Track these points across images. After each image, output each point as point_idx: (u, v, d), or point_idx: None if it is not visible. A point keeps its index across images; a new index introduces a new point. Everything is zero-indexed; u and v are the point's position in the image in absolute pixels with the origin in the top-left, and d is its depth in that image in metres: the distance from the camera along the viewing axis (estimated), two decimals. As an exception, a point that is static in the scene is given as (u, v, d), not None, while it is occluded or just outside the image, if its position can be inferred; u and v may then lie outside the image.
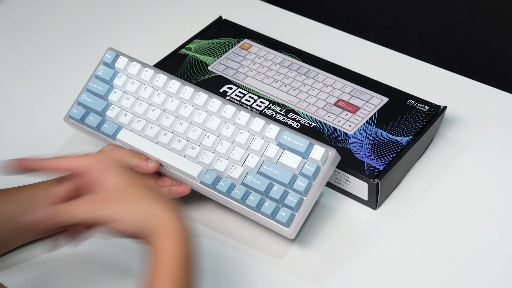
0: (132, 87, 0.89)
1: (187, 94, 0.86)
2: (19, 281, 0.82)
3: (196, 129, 0.85)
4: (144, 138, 0.87)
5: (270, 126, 0.82)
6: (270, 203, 0.80)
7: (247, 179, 0.81)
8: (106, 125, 0.89)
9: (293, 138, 0.81)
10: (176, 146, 0.85)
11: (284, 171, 0.80)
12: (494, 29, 1.63)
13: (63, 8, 1.24)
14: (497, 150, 0.92)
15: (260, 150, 0.82)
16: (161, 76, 0.88)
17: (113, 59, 0.91)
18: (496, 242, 0.82)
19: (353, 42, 1.11)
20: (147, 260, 0.69)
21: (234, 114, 0.84)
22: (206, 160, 0.83)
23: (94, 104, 0.90)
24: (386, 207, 0.87)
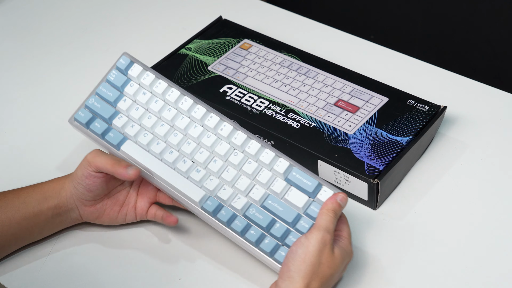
0: (143, 98, 0.86)
1: (199, 114, 0.83)
2: (19, 281, 0.82)
3: (203, 151, 0.82)
4: (148, 153, 0.83)
5: (279, 160, 0.79)
6: (270, 240, 0.77)
7: (249, 211, 0.78)
8: (111, 133, 0.85)
9: (302, 176, 0.78)
10: (181, 167, 0.81)
11: (288, 208, 0.78)
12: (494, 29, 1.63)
13: (63, 8, 1.24)
14: (497, 150, 0.92)
15: (266, 183, 0.79)
16: (174, 90, 0.85)
17: (127, 65, 0.87)
18: (496, 242, 0.82)
19: (353, 42, 1.11)
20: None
21: (244, 142, 0.81)
22: (210, 185, 0.80)
23: (102, 110, 0.86)
24: (386, 207, 0.87)
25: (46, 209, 0.82)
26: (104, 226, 0.87)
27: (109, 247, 0.85)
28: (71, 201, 0.83)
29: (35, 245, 0.86)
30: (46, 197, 0.82)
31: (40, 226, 0.83)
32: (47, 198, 0.82)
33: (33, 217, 0.82)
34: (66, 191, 0.83)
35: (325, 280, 0.73)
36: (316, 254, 0.72)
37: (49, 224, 0.83)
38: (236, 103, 0.94)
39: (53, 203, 0.82)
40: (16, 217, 0.81)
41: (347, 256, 0.76)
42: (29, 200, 0.82)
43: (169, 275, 0.82)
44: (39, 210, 0.82)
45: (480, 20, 1.63)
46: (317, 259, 0.72)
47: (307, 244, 0.73)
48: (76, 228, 0.87)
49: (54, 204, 0.82)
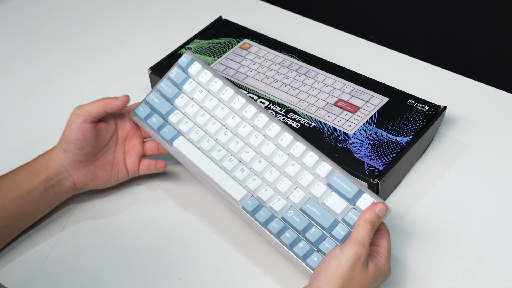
0: (199, 96, 0.87)
1: (249, 113, 0.84)
2: (19, 281, 0.82)
3: (250, 151, 0.82)
4: (198, 149, 0.85)
5: (322, 164, 0.79)
6: (304, 245, 0.76)
7: (287, 214, 0.78)
8: (166, 129, 0.87)
9: (343, 181, 0.77)
10: (227, 165, 0.82)
11: (326, 214, 0.77)
12: (494, 29, 1.63)
13: (63, 8, 1.24)
14: (497, 150, 0.92)
15: (307, 187, 0.79)
16: (228, 89, 0.86)
17: (187, 63, 0.89)
18: (496, 242, 0.82)
19: (353, 42, 1.11)
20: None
21: (290, 144, 0.81)
22: (253, 185, 0.81)
23: (160, 106, 0.88)
24: (386, 207, 0.87)
25: (38, 184, 0.83)
26: (103, 224, 0.87)
27: (109, 247, 0.85)
28: (62, 170, 0.84)
29: (35, 245, 0.86)
30: (34, 173, 0.83)
31: (35, 202, 0.84)
32: (35, 173, 0.83)
33: (26, 194, 0.83)
34: (54, 161, 0.84)
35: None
36: (349, 269, 0.71)
37: (43, 199, 0.84)
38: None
39: (43, 176, 0.83)
40: (9, 196, 0.82)
41: (382, 275, 0.74)
42: (18, 179, 0.83)
43: (169, 275, 0.82)
44: (31, 186, 0.83)
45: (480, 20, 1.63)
46: (349, 274, 0.71)
47: (341, 257, 0.71)
48: (76, 228, 0.87)
49: (44, 177, 0.83)
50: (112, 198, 0.91)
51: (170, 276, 0.82)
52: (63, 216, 0.89)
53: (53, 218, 0.89)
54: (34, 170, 0.83)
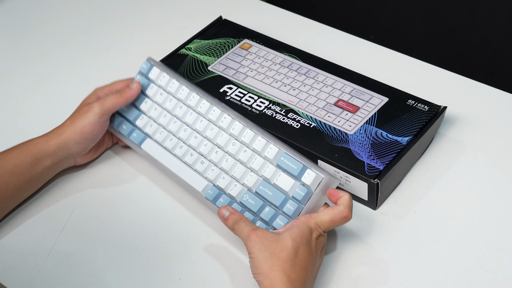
0: (160, 98, 0.93)
1: (204, 108, 0.89)
2: (19, 281, 0.82)
3: (207, 143, 0.88)
4: (164, 149, 0.90)
5: (270, 146, 0.83)
6: (260, 224, 0.81)
7: (243, 198, 0.83)
8: (135, 133, 0.93)
9: (288, 160, 0.82)
10: (188, 160, 0.88)
11: (277, 192, 0.82)
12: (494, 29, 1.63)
13: (63, 8, 1.24)
14: (497, 150, 0.92)
15: (259, 170, 0.83)
16: (184, 89, 0.91)
17: (148, 69, 0.95)
18: (496, 242, 0.82)
19: (353, 42, 1.11)
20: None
21: (241, 131, 0.86)
22: (211, 175, 0.86)
23: (128, 113, 0.94)
24: (386, 207, 0.87)
25: (41, 169, 0.87)
26: (103, 225, 0.87)
27: (109, 247, 0.85)
28: (69, 157, 0.89)
29: (35, 245, 0.86)
30: (38, 159, 0.86)
31: (35, 182, 0.88)
32: (39, 160, 0.86)
33: (28, 180, 0.86)
34: (63, 150, 0.88)
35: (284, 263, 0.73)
36: (258, 257, 0.74)
37: (44, 177, 0.89)
38: (236, 103, 0.94)
39: (47, 163, 0.87)
40: (12, 180, 0.84)
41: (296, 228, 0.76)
42: (21, 164, 0.85)
43: (169, 275, 0.82)
44: (34, 172, 0.86)
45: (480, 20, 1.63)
46: (261, 259, 0.74)
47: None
48: (76, 228, 0.87)
49: (48, 163, 0.87)
50: (112, 198, 0.91)
51: (170, 276, 0.82)
52: (63, 216, 0.89)
53: (53, 218, 0.89)
54: (38, 157, 0.86)
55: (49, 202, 0.91)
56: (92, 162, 0.95)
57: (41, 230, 0.88)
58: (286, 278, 0.71)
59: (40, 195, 0.91)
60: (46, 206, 0.90)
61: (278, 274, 0.71)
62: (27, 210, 0.90)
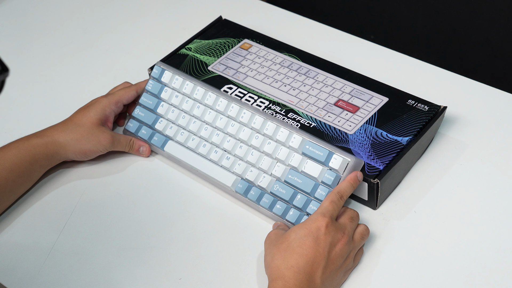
0: (176, 100, 0.95)
1: (222, 106, 0.91)
2: (19, 281, 0.82)
3: (230, 139, 0.90)
4: (187, 149, 0.93)
5: (294, 136, 0.86)
6: (294, 212, 0.84)
7: (274, 188, 0.86)
8: (155, 137, 0.95)
9: (314, 148, 0.84)
10: (213, 157, 0.90)
11: (306, 179, 0.84)
12: (494, 29, 1.63)
13: (63, 8, 1.24)
14: (497, 150, 0.92)
15: (286, 159, 0.86)
16: (199, 89, 0.93)
17: (159, 73, 0.97)
18: (496, 242, 0.82)
19: (353, 42, 1.11)
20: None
21: (262, 125, 0.88)
22: (239, 170, 0.88)
23: (146, 118, 0.96)
24: (386, 207, 0.87)
25: (39, 168, 0.89)
26: (103, 225, 0.87)
27: (109, 247, 0.85)
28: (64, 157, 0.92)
29: (35, 245, 0.86)
30: (37, 160, 0.88)
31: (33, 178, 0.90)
32: (38, 160, 0.89)
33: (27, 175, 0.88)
34: (60, 155, 0.91)
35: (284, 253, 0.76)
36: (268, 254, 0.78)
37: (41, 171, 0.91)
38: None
39: (44, 163, 0.90)
40: (11, 176, 0.86)
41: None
42: (20, 163, 0.87)
43: (169, 275, 0.82)
44: (31, 170, 0.88)
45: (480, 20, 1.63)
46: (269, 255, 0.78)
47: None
48: (76, 228, 0.87)
49: (46, 164, 0.90)
50: (113, 198, 0.91)
51: (170, 276, 0.82)
52: (63, 216, 0.89)
53: (53, 218, 0.89)
54: (37, 158, 0.88)
55: (49, 202, 0.91)
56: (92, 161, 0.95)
57: (41, 230, 0.88)
58: (284, 265, 0.75)
59: (40, 195, 0.91)
60: (46, 206, 0.90)
61: (276, 263, 0.75)
62: (27, 210, 0.90)
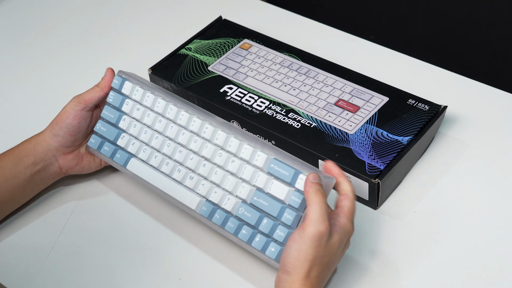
0: (137, 114, 0.87)
1: (183, 120, 0.84)
2: (19, 281, 0.82)
3: (193, 157, 0.82)
4: (150, 167, 0.85)
5: (258, 154, 0.78)
6: (260, 238, 0.77)
7: (239, 211, 0.78)
8: (118, 154, 0.87)
9: (279, 167, 0.76)
10: (176, 176, 0.83)
11: (273, 202, 0.76)
12: (494, 29, 1.63)
13: (63, 8, 1.24)
14: (497, 150, 0.92)
15: (251, 179, 0.78)
16: (160, 101, 0.85)
17: (120, 83, 0.88)
18: (496, 242, 0.82)
19: (353, 42, 1.11)
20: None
21: (226, 140, 0.81)
22: (202, 191, 0.81)
23: (107, 133, 0.88)
24: (386, 207, 0.87)
25: (23, 168, 0.85)
26: (103, 225, 0.87)
27: (109, 247, 0.85)
28: (49, 154, 0.86)
29: (35, 245, 0.86)
30: (20, 157, 0.85)
31: (21, 187, 0.85)
32: (21, 158, 0.85)
33: (12, 179, 0.84)
34: (42, 146, 0.86)
35: (324, 266, 0.73)
36: (311, 250, 0.71)
37: (29, 184, 0.86)
38: (236, 103, 0.94)
39: (29, 161, 0.85)
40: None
41: (345, 234, 0.74)
42: (4, 164, 0.84)
43: (169, 275, 0.82)
44: (16, 171, 0.84)
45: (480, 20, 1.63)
46: (313, 255, 0.71)
47: (300, 241, 0.71)
48: (76, 228, 0.87)
49: (30, 162, 0.85)
50: (113, 198, 0.91)
51: (170, 276, 0.82)
52: (63, 216, 0.89)
53: (53, 219, 0.89)
54: (20, 156, 0.85)
55: (49, 202, 0.91)
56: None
57: (41, 230, 0.88)
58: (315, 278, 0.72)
59: (40, 195, 0.91)
60: (47, 206, 0.90)
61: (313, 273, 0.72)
62: (27, 210, 0.90)
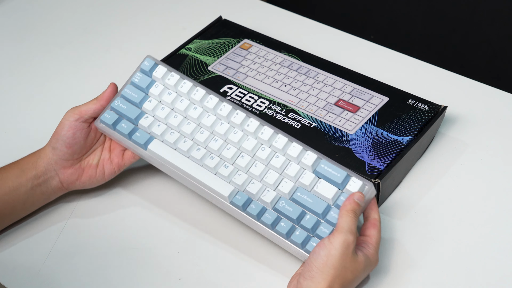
0: (168, 98, 0.87)
1: (225, 111, 0.84)
2: (19, 281, 0.82)
3: (230, 147, 0.83)
4: (176, 151, 0.85)
5: (307, 153, 0.80)
6: (301, 232, 0.77)
7: (279, 204, 0.79)
8: (138, 133, 0.87)
9: (330, 168, 0.79)
10: (209, 163, 0.82)
11: (318, 200, 0.78)
12: (494, 29, 1.63)
13: (63, 8, 1.24)
14: (497, 150, 0.92)
15: (295, 176, 0.80)
16: (199, 90, 0.86)
17: (151, 67, 0.89)
18: (496, 242, 0.82)
19: (353, 42, 1.11)
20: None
21: (272, 137, 0.82)
22: (239, 180, 0.81)
23: (128, 111, 0.88)
24: (386, 207, 0.87)
25: (25, 181, 0.84)
26: (103, 224, 0.87)
27: (108, 247, 0.85)
28: (49, 168, 0.85)
29: (35, 245, 0.86)
30: (23, 170, 0.84)
31: (21, 199, 0.84)
32: (24, 171, 0.84)
33: (13, 191, 0.84)
34: (43, 159, 0.85)
35: (346, 283, 0.73)
36: (339, 258, 0.72)
37: (30, 197, 0.85)
38: (236, 103, 0.94)
39: (31, 174, 0.84)
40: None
41: (370, 264, 0.76)
42: (7, 176, 0.84)
43: (169, 275, 0.82)
44: (18, 184, 0.84)
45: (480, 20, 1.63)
46: (340, 263, 0.72)
47: (330, 247, 0.73)
48: (76, 228, 0.87)
49: (32, 175, 0.84)
50: (112, 198, 0.91)
51: (170, 276, 0.82)
52: (63, 216, 0.89)
53: (53, 218, 0.89)
54: (23, 168, 0.85)
55: (49, 202, 0.91)
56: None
57: (42, 229, 0.87)
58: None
59: (40, 195, 0.91)
60: (47, 205, 0.90)
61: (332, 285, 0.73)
62: (27, 210, 0.90)
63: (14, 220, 0.86)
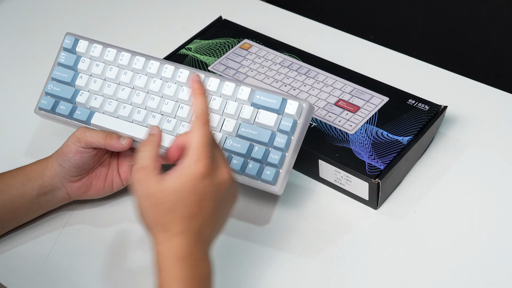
0: (97, 69, 0.88)
1: (153, 69, 0.86)
2: (19, 281, 0.82)
3: (168, 102, 0.84)
4: (118, 118, 0.86)
5: (241, 88, 0.82)
6: (253, 164, 0.80)
7: (227, 143, 0.81)
8: (78, 111, 0.88)
9: (266, 97, 0.80)
10: (152, 122, 0.84)
11: (262, 130, 0.80)
12: (494, 29, 1.63)
13: (63, 8, 1.24)
14: (497, 150, 0.92)
15: (235, 113, 0.82)
16: (124, 54, 0.87)
17: (73, 44, 0.90)
18: (496, 242, 0.82)
19: (353, 42, 1.11)
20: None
21: (203, 81, 0.83)
22: (183, 131, 0.82)
23: (62, 92, 0.89)
24: (386, 207, 0.87)
25: (30, 189, 0.83)
26: (103, 225, 0.87)
27: (109, 247, 0.85)
28: (56, 180, 0.84)
29: (35, 246, 0.86)
30: (29, 178, 0.83)
31: (25, 207, 0.84)
32: (30, 179, 0.83)
33: (18, 198, 0.83)
34: (50, 171, 0.84)
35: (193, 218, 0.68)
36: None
37: (34, 205, 0.84)
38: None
39: (37, 183, 0.83)
40: (0, 199, 0.82)
41: (211, 173, 0.68)
42: (12, 182, 0.83)
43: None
44: (23, 191, 0.83)
45: (480, 20, 1.63)
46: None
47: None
48: (76, 228, 0.87)
49: (38, 184, 0.83)
50: (112, 197, 0.91)
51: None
52: (63, 216, 0.89)
53: (53, 219, 0.89)
54: (29, 176, 0.83)
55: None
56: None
57: (41, 230, 0.87)
58: (168, 232, 0.69)
59: (40, 195, 0.91)
60: (46, 206, 0.90)
61: (158, 228, 0.69)
62: (27, 210, 0.90)
63: (16, 225, 0.86)
